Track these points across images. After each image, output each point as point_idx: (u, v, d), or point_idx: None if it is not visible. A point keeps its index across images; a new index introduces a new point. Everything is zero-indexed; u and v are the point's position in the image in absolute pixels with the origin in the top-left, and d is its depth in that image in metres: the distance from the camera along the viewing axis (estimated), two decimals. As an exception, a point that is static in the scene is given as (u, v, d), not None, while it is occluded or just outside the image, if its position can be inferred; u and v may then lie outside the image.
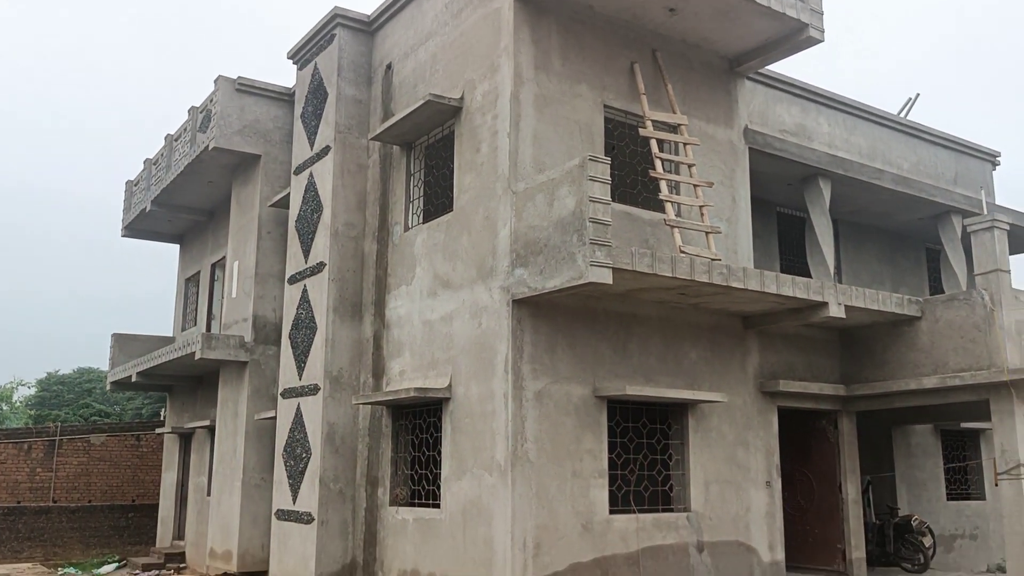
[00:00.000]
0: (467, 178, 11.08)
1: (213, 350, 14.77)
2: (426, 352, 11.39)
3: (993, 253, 11.58)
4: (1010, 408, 11.16)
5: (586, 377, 10.33)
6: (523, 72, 10.59)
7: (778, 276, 10.61)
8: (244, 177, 16.34)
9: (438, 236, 11.53)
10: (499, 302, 10.15)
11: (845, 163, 14.13)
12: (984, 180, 18.07)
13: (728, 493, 11.34)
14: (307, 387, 12.69)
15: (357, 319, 12.80)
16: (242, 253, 16.03)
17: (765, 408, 12.00)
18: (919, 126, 17.06)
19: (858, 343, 12.92)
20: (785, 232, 15.38)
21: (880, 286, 16.31)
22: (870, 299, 11.64)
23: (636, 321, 10.90)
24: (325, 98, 13.50)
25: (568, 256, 9.20)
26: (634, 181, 11.53)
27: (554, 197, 9.53)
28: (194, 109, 16.88)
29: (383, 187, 12.85)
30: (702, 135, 12.00)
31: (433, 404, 11.15)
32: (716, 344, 11.62)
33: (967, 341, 11.64)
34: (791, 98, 15.08)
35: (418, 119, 11.74)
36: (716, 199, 11.91)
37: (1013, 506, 11.04)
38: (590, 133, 11.01)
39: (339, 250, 12.81)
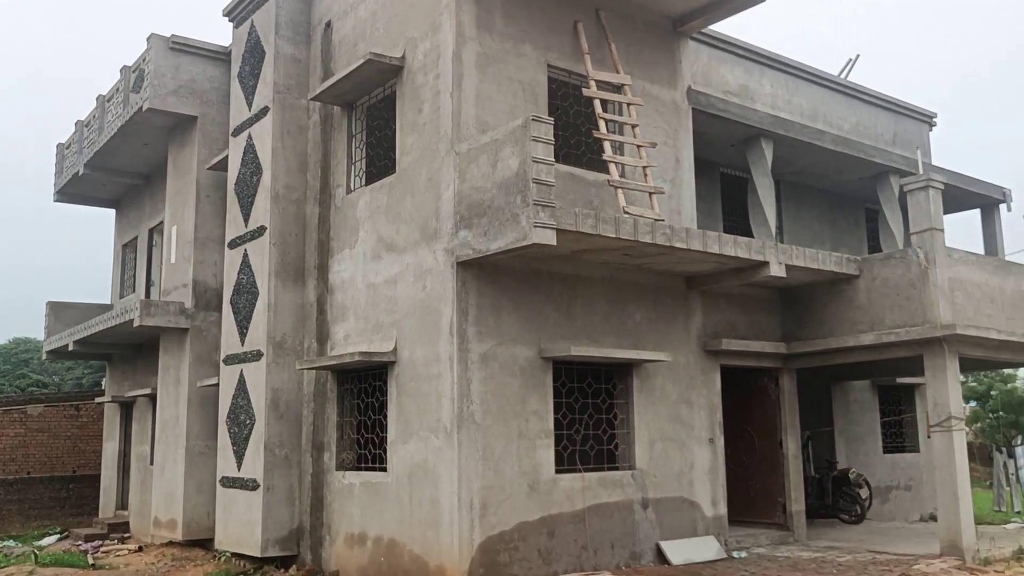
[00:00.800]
0: (410, 139, 10.92)
1: (152, 317, 14.45)
2: (371, 316, 11.28)
3: (928, 212, 11.83)
4: (942, 363, 11.48)
5: (531, 338, 10.35)
6: (465, 30, 10.42)
7: (720, 236, 10.70)
8: (181, 139, 15.89)
9: (381, 198, 11.37)
10: (443, 264, 10.07)
11: (787, 124, 14.26)
12: (921, 141, 18.42)
13: (672, 451, 11.52)
14: (250, 353, 12.51)
15: (300, 283, 12.61)
16: (180, 217, 15.64)
17: (708, 367, 12.17)
18: (859, 87, 17.28)
19: (799, 302, 13.15)
20: (728, 192, 15.52)
21: (821, 245, 16.60)
22: (810, 258, 11.83)
23: (581, 282, 10.92)
24: (263, 57, 13.15)
25: (512, 217, 9.14)
26: (578, 142, 11.49)
27: (497, 158, 9.44)
28: (126, 69, 16.32)
29: (324, 149, 12.60)
30: (646, 95, 11.97)
31: (378, 368, 11.07)
32: (660, 304, 11.72)
33: (903, 298, 11.91)
34: (734, 59, 15.14)
35: (359, 79, 11.51)
36: (660, 160, 11.93)
37: (944, 457, 11.40)
38: (534, 93, 10.91)
39: (280, 214, 12.56)
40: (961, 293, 11.98)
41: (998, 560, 11.40)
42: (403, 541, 10.18)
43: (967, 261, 12.26)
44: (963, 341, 11.64)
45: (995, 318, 12.37)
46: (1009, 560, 11.49)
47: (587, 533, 10.40)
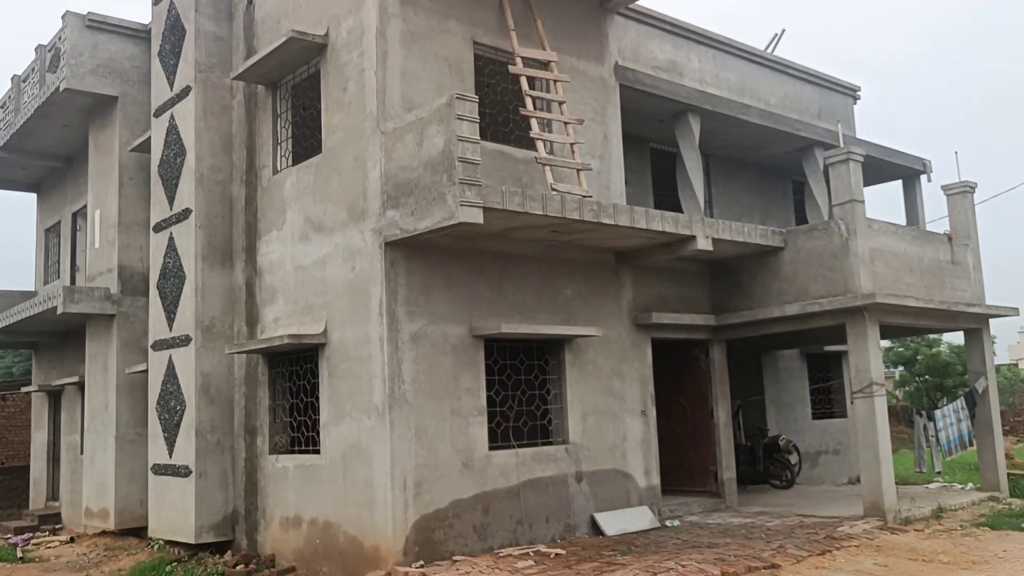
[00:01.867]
0: (335, 118, 10.78)
1: (76, 304, 14.08)
2: (300, 298, 11.17)
3: (848, 184, 12.12)
4: (863, 331, 11.83)
5: (463, 317, 10.36)
6: (389, 6, 10.30)
7: (647, 212, 10.83)
8: (102, 120, 15.43)
9: (308, 178, 11.22)
10: (372, 245, 10.01)
11: (714, 99, 14.43)
12: (846, 114, 18.81)
13: (605, 424, 11.69)
14: (178, 338, 12.29)
15: (228, 266, 12.41)
16: (104, 201, 15.22)
17: (639, 340, 12.35)
18: (786, 62, 17.54)
19: (727, 274, 13.40)
20: (658, 167, 15.67)
21: (750, 218, 16.90)
22: (735, 231, 12.05)
23: (512, 260, 10.96)
24: (183, 35, 12.81)
25: (439, 196, 9.12)
26: (506, 119, 11.48)
27: (423, 137, 9.39)
28: (42, 47, 15.75)
29: (249, 128, 12.37)
30: (573, 72, 12.00)
31: (309, 350, 10.99)
32: (591, 280, 11.83)
33: (826, 269, 12.22)
34: (663, 34, 15.21)
35: (282, 57, 11.30)
36: (588, 136, 11.99)
37: (866, 422, 11.79)
38: (460, 70, 10.85)
39: (205, 195, 12.32)
40: (881, 263, 12.34)
41: (918, 519, 11.87)
42: (338, 522, 10.17)
43: (887, 231, 12.62)
44: (883, 309, 12.01)
45: (914, 286, 12.78)
46: (928, 519, 11.97)
47: (522, 508, 10.51)
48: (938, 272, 13.40)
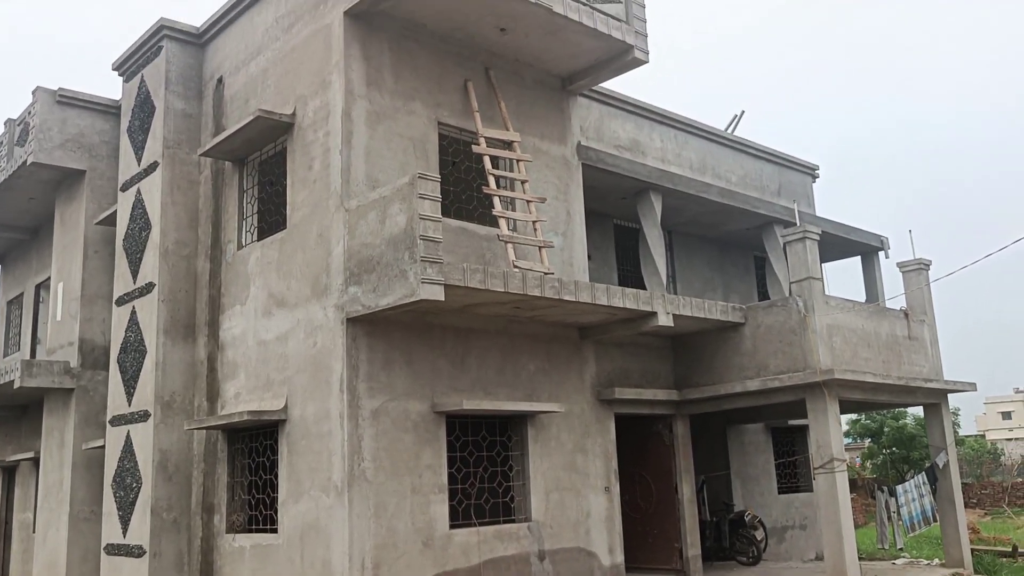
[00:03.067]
0: (300, 195, 10.92)
1: (34, 377, 13.89)
2: (261, 373, 11.12)
3: (806, 262, 12.40)
4: (823, 406, 11.96)
5: (424, 393, 10.36)
6: (355, 88, 10.54)
7: (608, 288, 10.98)
8: (68, 193, 15.48)
9: (272, 254, 11.29)
10: (333, 320, 10.04)
11: (675, 177, 14.79)
12: (805, 192, 19.31)
13: (568, 500, 11.62)
14: (137, 413, 12.13)
15: (190, 340, 12.35)
16: (67, 274, 15.16)
17: (603, 415, 12.38)
18: (745, 141, 18.06)
19: (689, 349, 13.54)
20: (622, 243, 15.93)
21: (712, 293, 17.15)
22: (696, 308, 12.23)
23: (474, 335, 11.02)
24: (153, 112, 12.99)
25: (400, 273, 9.21)
26: (469, 197, 11.67)
27: (386, 215, 9.53)
28: (11, 121, 15.86)
29: (216, 204, 12.46)
30: (536, 151, 12.28)
31: (269, 426, 10.89)
32: (553, 355, 11.90)
33: (785, 344, 12.40)
34: (625, 114, 15.65)
35: (249, 134, 11.48)
36: (551, 213, 12.21)
37: (828, 498, 11.83)
38: (424, 149, 11.07)
39: (169, 269, 12.33)
40: (839, 338, 12.55)
41: (881, 596, 11.83)
42: (294, 604, 9.95)
43: (844, 308, 12.87)
44: (842, 385, 12.17)
45: (872, 362, 12.98)
46: (892, 596, 11.93)
47: (483, 588, 10.36)
48: (895, 347, 13.64)
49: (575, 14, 11.31)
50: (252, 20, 12.27)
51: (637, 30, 12.14)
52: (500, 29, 11.47)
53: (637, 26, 12.16)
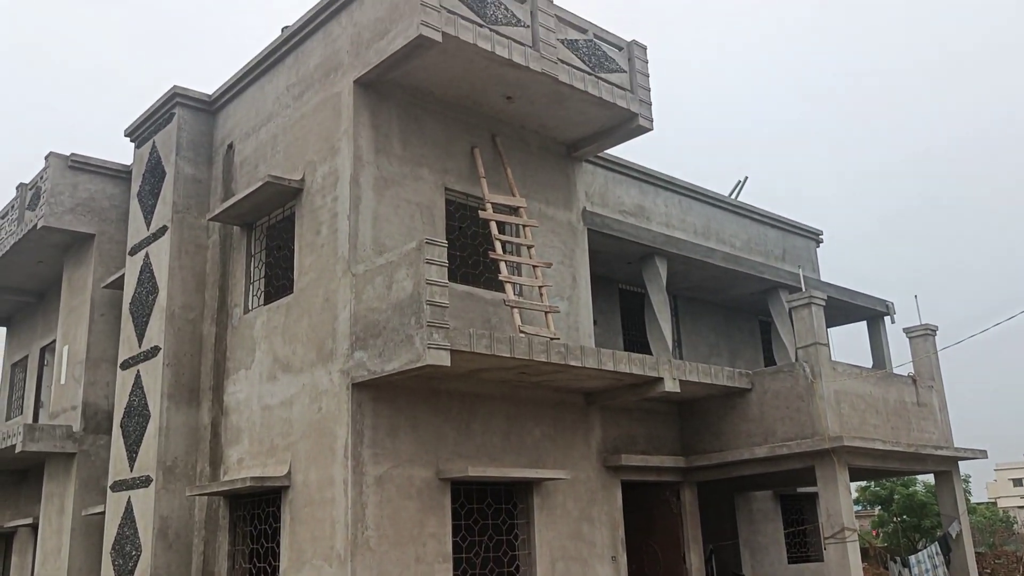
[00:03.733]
0: (308, 260, 10.98)
1: (36, 442, 13.78)
2: (265, 438, 11.03)
3: (812, 328, 12.37)
4: (833, 474, 11.81)
5: (429, 459, 10.25)
6: (363, 155, 10.68)
7: (614, 354, 10.95)
8: (77, 257, 15.58)
9: (278, 318, 11.30)
10: (339, 385, 10.00)
11: (679, 243, 14.86)
12: (809, 256, 19.39)
13: (574, 570, 11.39)
14: (139, 479, 12.01)
15: (194, 405, 12.29)
16: (73, 337, 15.16)
17: (609, 482, 12.21)
18: (749, 206, 18.20)
19: (696, 414, 13.42)
20: (628, 308, 15.93)
21: (718, 358, 17.08)
22: (703, 373, 12.17)
23: (479, 400, 10.95)
24: (163, 177, 13.15)
25: (406, 339, 9.20)
26: (476, 262, 11.72)
27: (393, 280, 9.56)
28: (23, 186, 16.06)
29: (223, 268, 12.53)
30: (542, 216, 12.37)
31: (272, 493, 10.76)
32: (559, 421, 11.81)
33: (792, 411, 12.30)
34: (630, 180, 15.82)
35: (258, 200, 11.60)
36: (557, 278, 12.25)
37: (840, 569, 11.59)
38: (431, 215, 11.16)
39: (175, 333, 12.33)
40: (847, 404, 12.44)
41: (897, 672, 11.49)
42: None
43: (851, 373, 12.79)
44: (851, 452, 12.02)
45: (880, 428, 12.85)
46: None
47: (487, 661, 10.10)
48: (904, 414, 13.52)
49: (580, 83, 11.51)
50: (263, 88, 12.50)
51: (641, 99, 12.33)
52: (506, 97, 11.66)
53: (641, 95, 12.36)
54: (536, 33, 11.15)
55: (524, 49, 10.90)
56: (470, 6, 10.52)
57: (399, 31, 10.17)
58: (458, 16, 10.31)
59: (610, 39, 12.26)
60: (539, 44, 11.11)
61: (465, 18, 10.39)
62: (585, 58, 11.75)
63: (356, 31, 10.91)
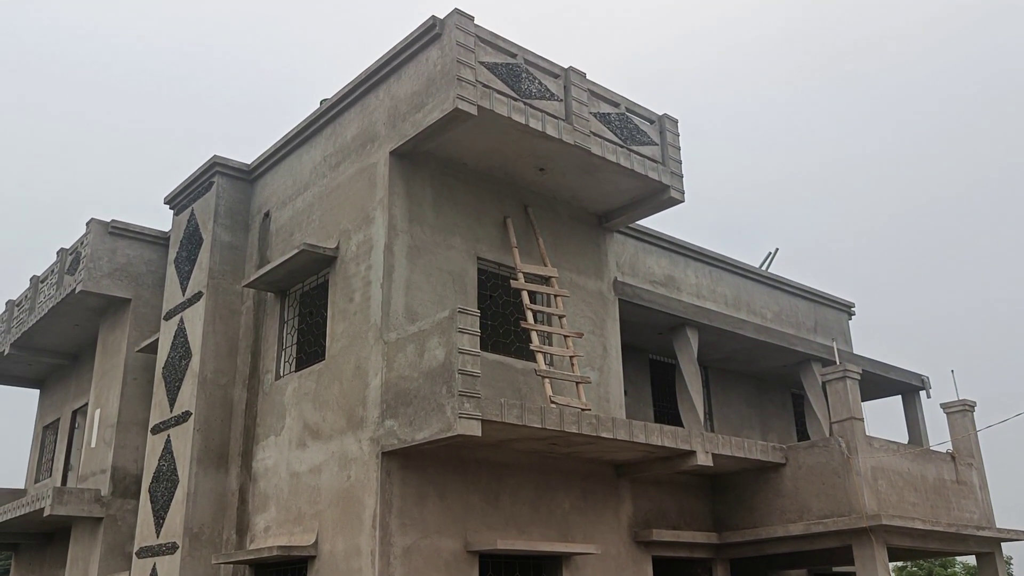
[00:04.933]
0: (340, 327, 11.05)
1: (64, 505, 13.78)
2: (292, 506, 10.96)
3: (846, 402, 12.18)
4: (871, 553, 11.47)
5: (457, 530, 10.11)
6: (397, 224, 10.82)
7: (646, 426, 10.82)
8: (112, 320, 15.80)
9: (309, 385, 11.33)
10: (368, 454, 9.95)
11: (710, 314, 14.79)
12: (841, 329, 19.20)
13: (604, 649, 11.08)
14: (165, 545, 11.93)
15: (223, 471, 12.26)
16: (105, 400, 15.28)
17: (640, 557, 11.95)
18: (780, 278, 18.14)
19: (728, 488, 13.16)
20: (658, 378, 15.81)
21: (750, 430, 16.82)
22: (736, 447, 11.97)
23: (508, 470, 10.83)
24: (200, 243, 13.38)
25: (437, 407, 9.17)
26: (507, 331, 11.73)
27: (424, 348, 9.58)
28: (63, 251, 16.42)
29: (256, 334, 12.64)
30: (573, 286, 12.40)
31: (298, 562, 10.64)
32: (589, 492, 11.63)
33: (828, 487, 12.02)
34: (660, 250, 15.87)
35: (293, 267, 11.75)
36: (587, 348, 12.20)
37: (880, 653, 11.15)
38: (463, 283, 11.23)
39: (207, 398, 12.39)
40: (884, 481, 12.15)
41: None
42: None
43: (888, 449, 12.52)
44: (890, 531, 11.70)
45: (919, 507, 12.51)
46: None
47: None
48: (943, 492, 13.16)
49: (612, 155, 11.65)
50: (301, 158, 12.78)
51: (673, 171, 12.44)
52: (539, 168, 11.82)
53: (673, 167, 12.47)
54: (569, 107, 11.35)
55: (557, 122, 11.08)
56: (505, 80, 10.76)
57: (435, 104, 10.40)
58: (493, 90, 10.53)
59: (642, 112, 12.44)
60: (572, 117, 11.30)
61: (500, 92, 10.61)
62: (617, 131, 11.91)
63: (393, 104, 11.17)
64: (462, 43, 10.42)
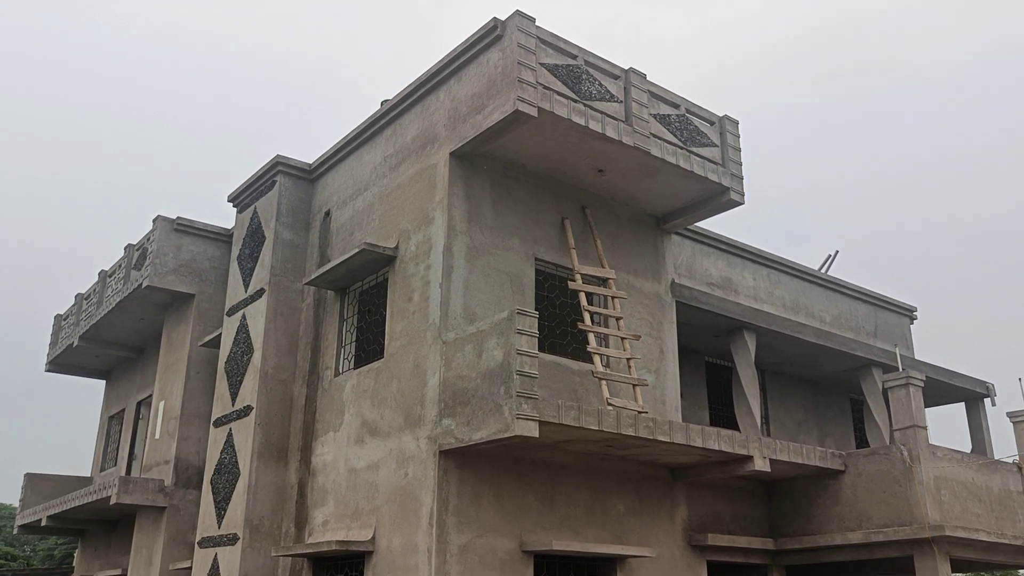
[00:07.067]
0: (399, 325, 11.18)
1: (130, 494, 14.18)
2: (350, 501, 11.13)
3: (909, 409, 11.94)
4: (933, 564, 11.25)
5: (512, 529, 10.17)
6: (456, 224, 10.91)
7: (703, 430, 10.75)
8: (177, 315, 16.20)
9: (368, 382, 11.49)
10: (426, 452, 10.06)
11: (768, 317, 14.61)
12: (902, 333, 18.80)
13: (657, 653, 11.04)
14: (226, 536, 12.21)
15: (282, 465, 12.50)
16: (169, 392, 15.68)
17: (694, 562, 11.88)
18: (839, 281, 17.84)
19: (785, 494, 13.01)
20: (714, 381, 15.68)
21: (807, 435, 16.58)
22: (794, 453, 11.82)
23: (563, 471, 10.85)
24: (262, 241, 13.65)
25: (495, 408, 9.23)
26: (564, 332, 11.75)
27: (483, 348, 9.65)
28: (130, 247, 16.87)
29: (316, 331, 12.85)
30: (630, 288, 12.36)
31: (355, 557, 10.80)
32: (644, 495, 11.59)
33: (889, 495, 11.81)
34: (717, 252, 15.72)
35: (353, 266, 11.92)
36: (644, 350, 12.16)
37: (941, 667, 10.93)
38: (521, 284, 11.27)
39: (267, 393, 12.64)
40: (947, 491, 11.90)
41: None
42: None
43: (951, 459, 12.25)
44: (953, 542, 11.46)
45: (983, 518, 12.22)
46: None
47: None
48: (1009, 503, 12.83)
49: (672, 157, 11.59)
50: (361, 158, 12.95)
51: (733, 172, 12.32)
52: (598, 170, 11.80)
53: (733, 168, 12.35)
54: (629, 108, 11.31)
55: (617, 124, 11.05)
56: (565, 82, 10.76)
57: (496, 106, 10.45)
58: (553, 92, 10.55)
59: (702, 114, 12.34)
60: (632, 119, 11.26)
61: (560, 94, 10.62)
62: (677, 132, 11.84)
63: (453, 106, 11.25)
64: (523, 45, 10.45)
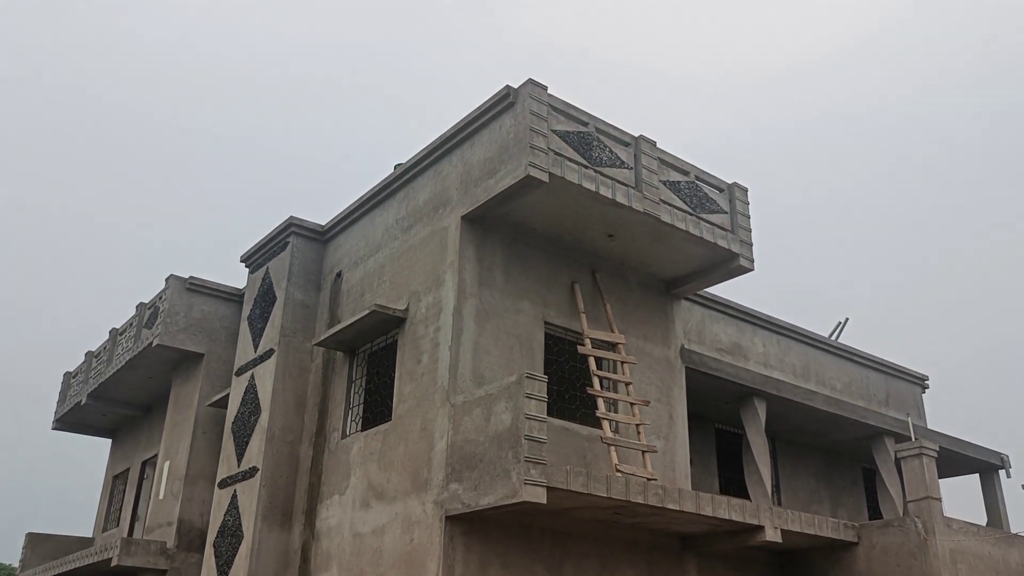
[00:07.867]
0: (407, 387, 11.14)
1: (131, 556, 13.99)
2: (354, 566, 10.95)
3: (923, 480, 11.76)
4: (951, 642, 10.94)
5: (519, 599, 9.97)
6: (467, 287, 10.95)
7: (714, 498, 10.60)
8: (185, 374, 16.19)
9: (375, 444, 11.41)
10: (432, 517, 9.93)
11: (779, 384, 14.52)
12: (915, 402, 18.62)
13: None
14: (227, 601, 12.01)
15: (286, 528, 12.35)
16: (174, 452, 15.59)
17: (705, 635, 11.60)
18: (850, 348, 17.74)
19: (797, 565, 12.75)
20: (724, 448, 15.50)
21: (818, 505, 16.32)
22: (806, 523, 11.62)
23: (572, 539, 10.68)
24: (273, 302, 13.71)
25: (503, 472, 9.14)
26: (573, 396, 11.68)
27: (491, 412, 9.59)
28: (142, 305, 16.95)
29: (324, 392, 12.82)
30: (640, 352, 12.32)
31: (358, 624, 10.58)
32: (654, 565, 11.38)
33: (904, 569, 11.56)
34: (727, 318, 15.70)
35: (362, 327, 11.94)
36: (653, 416, 12.07)
37: None
38: (530, 347, 11.26)
39: (274, 455, 12.55)
40: (964, 566, 11.64)
41: None
42: None
43: (968, 532, 12.02)
44: (970, 618, 11.17)
45: (1002, 594, 11.93)
46: None
47: None
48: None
49: (681, 223, 11.67)
50: (374, 220, 13.08)
51: (742, 239, 12.38)
52: (608, 235, 11.88)
53: (742, 235, 12.41)
54: (639, 175, 11.44)
55: (627, 190, 11.17)
56: (576, 148, 10.91)
57: (508, 171, 10.58)
58: (564, 158, 10.69)
59: (711, 181, 12.46)
60: (642, 185, 11.37)
61: (571, 160, 10.76)
62: (686, 199, 11.94)
63: (466, 170, 11.40)
64: (535, 112, 10.63)
